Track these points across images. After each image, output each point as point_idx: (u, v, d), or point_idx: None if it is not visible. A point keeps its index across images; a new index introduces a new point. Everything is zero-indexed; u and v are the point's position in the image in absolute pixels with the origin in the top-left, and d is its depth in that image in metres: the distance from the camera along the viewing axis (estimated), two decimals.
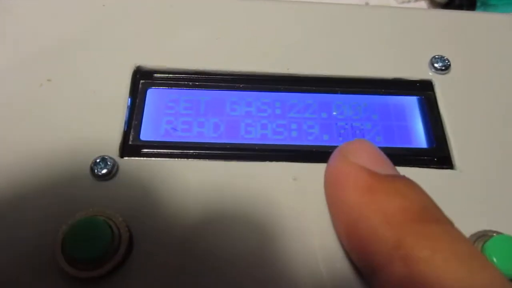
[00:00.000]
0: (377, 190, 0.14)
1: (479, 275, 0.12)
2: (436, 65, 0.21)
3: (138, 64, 0.20)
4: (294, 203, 0.17)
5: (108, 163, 0.17)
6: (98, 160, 0.17)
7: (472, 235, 0.17)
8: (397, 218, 0.14)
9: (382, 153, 0.16)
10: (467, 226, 0.17)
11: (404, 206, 0.14)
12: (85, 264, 0.15)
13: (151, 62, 0.20)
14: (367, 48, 0.22)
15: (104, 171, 0.17)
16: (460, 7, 0.40)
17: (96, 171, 0.17)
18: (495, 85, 0.21)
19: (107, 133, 0.18)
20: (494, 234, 0.16)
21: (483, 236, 0.17)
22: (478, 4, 0.41)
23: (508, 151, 0.19)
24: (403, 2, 0.42)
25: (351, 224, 0.15)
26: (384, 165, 0.15)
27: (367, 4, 0.40)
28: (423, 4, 0.42)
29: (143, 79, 0.20)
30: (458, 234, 0.14)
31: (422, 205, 0.14)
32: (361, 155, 0.15)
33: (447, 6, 0.40)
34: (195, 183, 0.18)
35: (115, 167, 0.17)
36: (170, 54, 0.21)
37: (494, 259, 0.16)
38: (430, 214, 0.14)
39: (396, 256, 0.13)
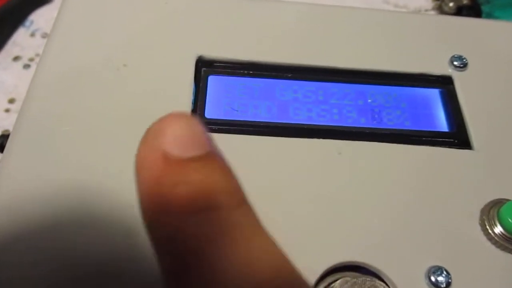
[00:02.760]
0: (165, 177, 0.13)
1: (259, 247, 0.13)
2: (455, 63, 0.24)
3: (200, 54, 0.23)
4: (339, 173, 0.20)
5: None
6: None
7: (489, 202, 0.20)
8: (175, 208, 0.13)
9: (197, 128, 0.14)
10: (485, 196, 0.20)
11: (186, 193, 0.13)
12: None
13: (211, 52, 0.24)
14: (397, 47, 0.25)
15: None
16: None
17: None
18: (506, 81, 0.24)
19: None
20: (506, 201, 0.20)
21: (499, 203, 0.20)
22: (483, 16, 0.44)
23: None
24: (414, 12, 0.46)
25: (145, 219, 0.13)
26: (194, 144, 0.13)
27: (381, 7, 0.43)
28: (433, 14, 0.45)
29: (204, 67, 0.23)
30: (242, 218, 0.13)
31: (203, 190, 0.13)
32: (171, 131, 0.13)
33: (454, 16, 0.44)
34: (252, 155, 0.21)
35: None
36: (228, 46, 0.24)
37: (509, 219, 0.19)
38: (210, 200, 0.13)
39: (170, 252, 0.13)
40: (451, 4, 0.44)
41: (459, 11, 0.44)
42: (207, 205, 0.13)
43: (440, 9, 0.45)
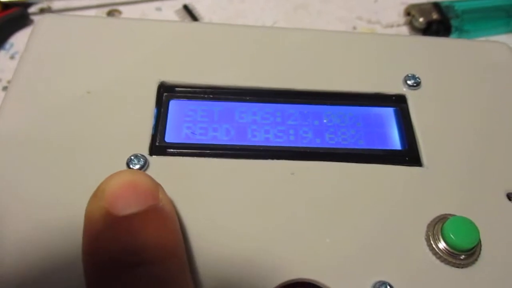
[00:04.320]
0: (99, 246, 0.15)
1: None
2: (408, 82, 0.25)
3: (162, 80, 0.24)
4: (292, 193, 0.21)
5: (141, 159, 0.21)
6: (132, 157, 0.21)
7: (435, 218, 0.21)
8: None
9: (139, 184, 0.15)
10: (431, 212, 0.21)
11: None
12: None
13: (173, 78, 0.25)
14: (352, 68, 0.26)
15: (137, 166, 0.21)
16: (437, 32, 0.45)
17: (131, 165, 0.21)
18: (459, 99, 0.25)
19: (139, 136, 0.22)
20: (450, 216, 0.21)
21: (443, 219, 0.21)
22: (453, 29, 0.46)
23: (465, 152, 0.23)
24: (386, 27, 0.47)
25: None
26: (135, 201, 0.15)
27: (354, 28, 0.45)
28: (405, 29, 0.47)
29: (166, 92, 0.24)
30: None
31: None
32: (109, 193, 0.15)
33: (425, 31, 0.45)
34: (210, 176, 0.22)
35: (146, 163, 0.21)
36: (188, 72, 0.25)
37: (452, 236, 0.20)
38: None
39: None
40: (421, 19, 0.45)
41: (429, 26, 0.46)
42: (136, 261, 0.14)
43: (411, 24, 0.46)
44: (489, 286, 0.20)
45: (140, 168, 0.21)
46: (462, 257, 0.20)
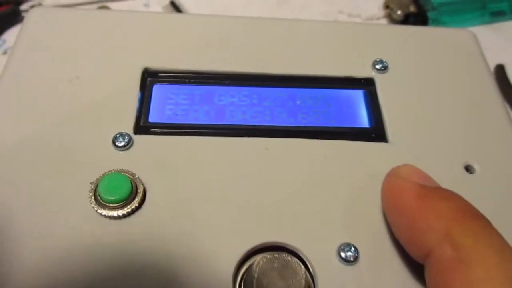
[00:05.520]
0: (427, 196, 0.19)
1: (509, 263, 0.16)
2: (376, 66, 0.27)
3: (146, 66, 0.26)
4: (265, 166, 0.23)
5: (125, 137, 0.23)
6: (117, 135, 0.23)
7: None
8: (446, 215, 0.18)
9: (426, 174, 0.21)
10: None
11: (450, 206, 0.18)
12: (112, 207, 0.21)
13: (156, 64, 0.26)
14: (324, 54, 0.28)
15: (122, 143, 0.23)
16: (414, 24, 0.47)
17: (116, 143, 0.23)
18: (422, 82, 0.27)
19: (125, 117, 0.24)
20: None
21: None
22: (430, 22, 0.48)
23: (427, 130, 0.25)
24: (366, 20, 0.49)
25: (408, 224, 0.19)
26: (429, 181, 0.20)
27: (335, 20, 0.47)
28: (384, 22, 0.49)
29: (150, 77, 0.26)
30: (493, 230, 0.18)
31: (464, 207, 0.18)
32: (411, 174, 0.20)
33: (403, 23, 0.47)
34: (191, 153, 0.23)
35: (131, 141, 0.23)
36: (171, 59, 0.27)
37: None
38: (472, 213, 0.18)
39: (446, 242, 0.17)
40: (399, 12, 0.47)
41: (407, 18, 0.48)
42: (472, 216, 0.18)
43: (390, 17, 0.48)
44: None
45: (124, 145, 0.23)
46: None
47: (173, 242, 0.21)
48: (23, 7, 0.46)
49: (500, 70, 0.45)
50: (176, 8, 0.46)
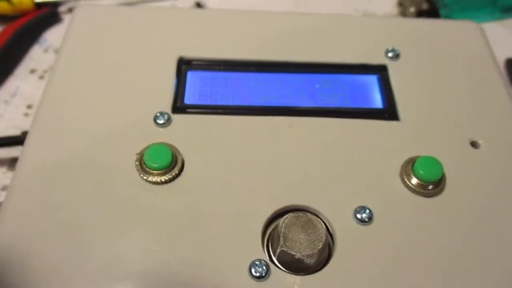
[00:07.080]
0: None
1: None
2: (389, 54, 0.30)
3: (181, 55, 0.29)
4: (289, 141, 0.26)
5: (165, 115, 0.26)
6: (158, 114, 0.26)
7: (408, 159, 0.25)
8: None
9: None
10: (406, 154, 0.26)
11: None
12: (156, 173, 0.24)
13: (190, 53, 0.29)
14: (342, 44, 0.31)
15: (162, 121, 0.26)
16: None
17: (157, 120, 0.26)
18: (431, 68, 0.30)
19: (164, 99, 0.27)
20: (419, 157, 0.25)
21: (414, 158, 0.25)
22: (442, 18, 0.50)
23: (436, 109, 0.28)
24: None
25: None
26: None
27: (351, 14, 0.49)
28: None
29: (184, 65, 0.29)
30: None
31: None
32: None
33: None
34: (222, 129, 0.26)
35: (170, 119, 0.26)
36: (203, 48, 0.30)
37: (421, 171, 0.24)
38: None
39: None
40: (412, 9, 0.50)
41: (419, 15, 0.50)
42: None
43: (403, 14, 0.51)
44: (452, 212, 0.24)
45: (164, 123, 0.26)
46: (430, 187, 0.24)
47: (209, 204, 0.23)
48: (61, 8, 0.49)
49: (510, 64, 0.47)
50: (201, 8, 0.50)
